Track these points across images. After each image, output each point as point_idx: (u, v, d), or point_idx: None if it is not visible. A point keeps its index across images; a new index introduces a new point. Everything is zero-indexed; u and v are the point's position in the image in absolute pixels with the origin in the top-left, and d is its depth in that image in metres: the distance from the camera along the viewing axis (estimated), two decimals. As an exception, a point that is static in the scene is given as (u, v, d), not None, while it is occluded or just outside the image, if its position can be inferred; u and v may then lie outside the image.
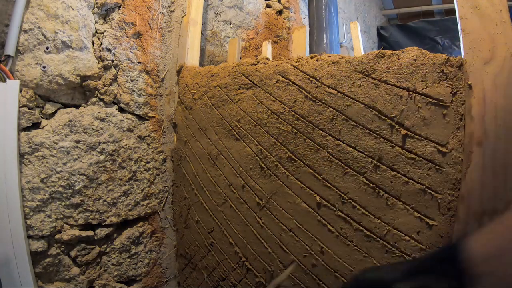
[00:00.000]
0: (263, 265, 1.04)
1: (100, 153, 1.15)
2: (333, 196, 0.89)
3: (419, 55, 0.78)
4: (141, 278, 1.28)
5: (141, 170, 1.27)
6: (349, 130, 0.86)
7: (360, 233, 0.84)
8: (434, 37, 3.66)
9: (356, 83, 0.86)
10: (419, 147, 0.77)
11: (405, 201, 0.78)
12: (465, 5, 0.74)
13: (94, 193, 1.13)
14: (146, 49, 1.30)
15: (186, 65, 1.37)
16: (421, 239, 0.76)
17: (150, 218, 1.32)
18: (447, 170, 0.73)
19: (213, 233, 1.19)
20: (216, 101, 1.19)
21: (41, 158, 1.02)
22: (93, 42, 1.15)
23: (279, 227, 1.00)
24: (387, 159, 0.80)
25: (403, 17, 4.26)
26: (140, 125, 1.28)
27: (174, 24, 1.43)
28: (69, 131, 1.08)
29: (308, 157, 0.94)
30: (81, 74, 1.09)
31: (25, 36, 0.98)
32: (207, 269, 1.23)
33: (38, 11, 1.00)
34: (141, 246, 1.28)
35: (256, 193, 1.05)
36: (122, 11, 1.22)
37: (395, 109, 0.80)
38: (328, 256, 0.90)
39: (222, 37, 1.70)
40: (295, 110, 0.97)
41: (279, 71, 1.02)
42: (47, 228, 1.03)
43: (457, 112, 0.73)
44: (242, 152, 1.09)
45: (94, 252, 1.14)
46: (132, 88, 1.25)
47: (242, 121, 1.10)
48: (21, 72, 0.98)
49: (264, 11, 1.96)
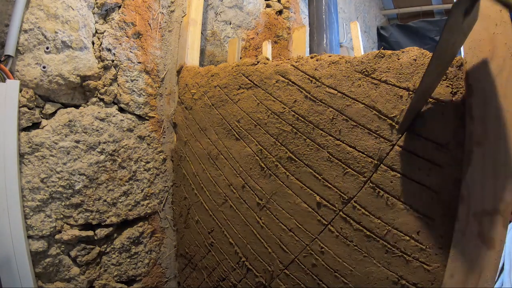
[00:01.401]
0: (263, 265, 1.04)
1: (100, 153, 1.15)
2: (333, 196, 0.89)
3: (419, 55, 0.78)
4: (141, 278, 1.28)
5: (141, 170, 1.27)
6: (349, 130, 0.86)
7: (360, 233, 0.84)
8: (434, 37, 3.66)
9: (356, 83, 0.86)
10: (419, 147, 0.77)
11: (405, 201, 0.78)
12: (465, 5, 0.73)
13: (94, 193, 1.13)
14: (146, 49, 1.30)
15: (186, 65, 1.37)
16: (421, 239, 0.76)
17: (150, 218, 1.32)
18: (447, 170, 0.73)
19: (213, 233, 1.19)
20: (216, 101, 1.19)
21: (41, 158, 1.02)
22: (93, 42, 1.15)
23: (279, 227, 1.00)
24: (387, 159, 0.80)
25: (403, 17, 4.26)
26: (140, 125, 1.28)
27: (174, 24, 1.43)
28: (69, 131, 1.08)
29: (308, 157, 0.93)
30: (81, 74, 1.09)
31: (25, 36, 0.98)
32: (207, 269, 1.23)
33: (38, 11, 1.00)
34: (141, 246, 1.28)
35: (256, 193, 1.05)
36: (122, 11, 1.22)
37: (395, 109, 0.80)
38: (328, 256, 0.90)
39: (222, 37, 1.70)
40: (295, 110, 0.97)
41: (279, 71, 1.02)
42: (47, 228, 1.03)
43: (457, 112, 0.73)
44: (242, 152, 1.09)
45: (94, 252, 1.14)
46: (132, 88, 1.25)
47: (242, 121, 1.10)
48: (21, 72, 0.98)
49: (264, 11, 1.96)
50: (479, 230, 0.67)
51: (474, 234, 0.67)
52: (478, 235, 0.67)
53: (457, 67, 0.74)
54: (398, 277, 0.78)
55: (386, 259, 0.80)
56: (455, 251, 0.70)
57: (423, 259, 0.75)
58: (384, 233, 0.81)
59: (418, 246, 0.76)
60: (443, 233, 0.73)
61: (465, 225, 0.69)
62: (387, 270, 0.80)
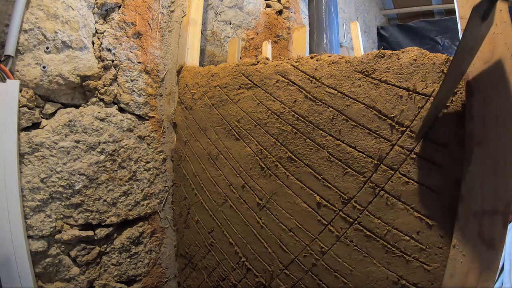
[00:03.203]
0: (263, 265, 1.04)
1: (100, 153, 1.15)
2: (333, 196, 0.89)
3: (419, 55, 0.78)
4: (141, 278, 1.28)
5: (141, 170, 1.28)
6: (349, 130, 0.86)
7: (360, 233, 0.84)
8: (434, 37, 3.66)
9: (356, 83, 0.86)
10: (419, 147, 0.77)
11: (405, 201, 0.78)
12: (465, 5, 0.74)
13: (94, 193, 1.13)
14: (146, 49, 1.30)
15: (186, 65, 1.37)
16: (421, 239, 0.76)
17: (150, 218, 1.32)
18: (447, 170, 0.73)
19: (213, 233, 1.19)
20: (216, 101, 1.19)
21: (41, 158, 1.02)
22: (93, 42, 1.15)
23: (279, 227, 1.00)
24: (387, 159, 0.80)
25: (403, 17, 4.26)
26: (140, 125, 1.28)
27: (174, 24, 1.43)
28: (69, 131, 1.08)
29: (308, 157, 0.93)
30: (81, 74, 1.09)
31: (25, 36, 0.98)
32: (207, 269, 1.23)
33: (38, 11, 1.00)
34: (141, 246, 1.28)
35: (256, 193, 1.05)
36: (122, 11, 1.22)
37: (395, 109, 0.80)
38: (328, 256, 0.90)
39: (222, 37, 1.70)
40: (295, 110, 0.97)
41: (279, 71, 1.02)
42: (47, 228, 1.03)
43: (457, 112, 0.73)
44: (242, 152, 1.09)
45: (94, 252, 1.14)
46: (132, 88, 1.25)
47: (242, 121, 1.10)
48: (21, 72, 0.98)
49: (264, 11, 1.96)
50: (479, 230, 0.67)
51: (474, 234, 0.67)
52: (478, 235, 0.67)
53: (457, 67, 0.74)
54: (398, 277, 0.78)
55: (386, 259, 0.80)
56: (455, 251, 0.70)
57: (423, 259, 0.75)
58: (384, 233, 0.81)
59: (418, 246, 0.76)
60: (443, 233, 0.73)
61: (465, 225, 0.69)
62: (387, 270, 0.80)
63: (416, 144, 0.77)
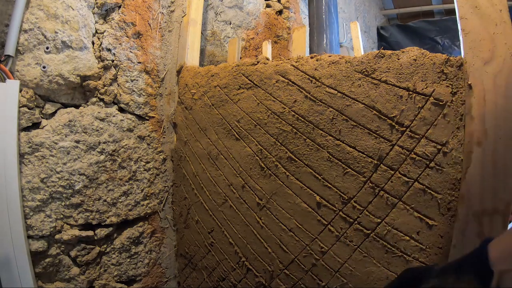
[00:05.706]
0: (263, 265, 1.04)
1: (100, 153, 1.15)
2: (333, 196, 0.89)
3: (419, 55, 0.78)
4: (141, 278, 1.28)
5: (141, 170, 1.28)
6: (349, 130, 0.86)
7: (360, 233, 0.84)
8: (434, 37, 3.66)
9: (356, 83, 0.86)
10: (419, 147, 0.77)
11: (405, 201, 0.78)
12: (465, 5, 0.74)
13: (94, 193, 1.13)
14: (146, 49, 1.30)
15: (186, 65, 1.37)
16: (421, 239, 0.76)
17: (150, 218, 1.32)
18: (447, 170, 0.73)
19: (213, 233, 1.19)
20: (216, 101, 1.19)
21: (41, 158, 1.02)
22: (93, 42, 1.15)
23: (279, 227, 1.00)
24: (387, 159, 0.80)
25: (403, 17, 4.26)
26: (140, 125, 1.28)
27: (174, 24, 1.43)
28: (69, 131, 1.08)
29: (308, 157, 0.94)
30: (81, 74, 1.09)
31: (25, 36, 0.98)
32: (207, 269, 1.23)
33: (38, 11, 1.00)
34: (141, 246, 1.28)
35: (256, 193, 1.05)
36: (122, 11, 1.22)
37: (395, 109, 0.80)
38: (328, 256, 0.90)
39: (222, 37, 1.70)
40: (295, 110, 0.97)
41: (279, 71, 1.02)
42: (47, 228, 1.03)
43: (457, 112, 0.73)
44: (242, 152, 1.09)
45: (94, 252, 1.14)
46: (132, 88, 1.25)
47: (242, 121, 1.10)
48: (21, 72, 0.98)
49: (264, 11, 1.96)
50: (479, 230, 0.67)
51: (474, 234, 0.67)
52: (478, 235, 0.67)
53: (457, 67, 0.74)
54: (398, 277, 0.78)
55: (386, 259, 0.80)
56: (455, 251, 0.70)
57: (423, 259, 0.75)
58: (384, 233, 0.81)
59: (418, 246, 0.76)
60: (443, 233, 0.73)
61: (465, 225, 0.69)
62: (387, 270, 0.80)
63: (416, 144, 0.77)
